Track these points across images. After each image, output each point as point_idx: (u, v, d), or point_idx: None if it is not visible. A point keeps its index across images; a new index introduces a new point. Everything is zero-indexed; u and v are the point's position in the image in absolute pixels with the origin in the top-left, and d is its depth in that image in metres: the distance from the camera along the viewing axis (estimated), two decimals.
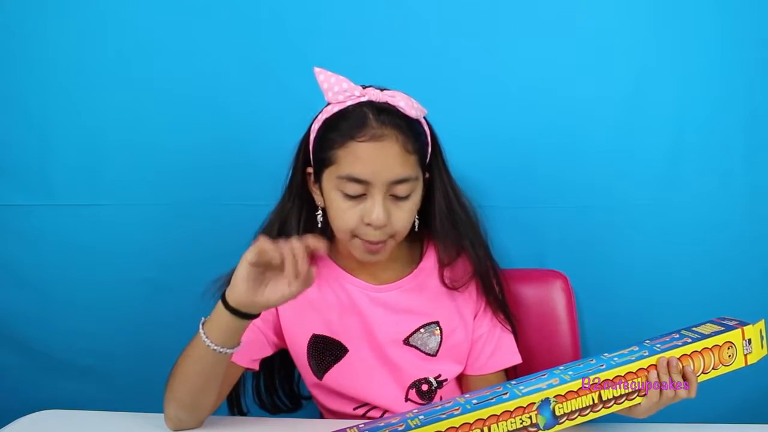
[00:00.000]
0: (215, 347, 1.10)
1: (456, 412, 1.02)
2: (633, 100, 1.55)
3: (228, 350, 1.12)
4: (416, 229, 1.27)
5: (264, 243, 1.04)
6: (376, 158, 1.15)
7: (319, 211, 1.25)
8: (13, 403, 1.41)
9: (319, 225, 1.25)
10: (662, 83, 1.54)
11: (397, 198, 1.19)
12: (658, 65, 1.54)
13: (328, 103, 1.21)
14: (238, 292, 1.06)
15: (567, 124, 1.56)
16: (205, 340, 1.10)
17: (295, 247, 1.03)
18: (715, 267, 1.57)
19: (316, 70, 1.19)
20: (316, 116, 1.23)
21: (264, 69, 1.58)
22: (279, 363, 1.40)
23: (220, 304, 1.09)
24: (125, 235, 1.63)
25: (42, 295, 1.66)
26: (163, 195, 1.61)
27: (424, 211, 1.28)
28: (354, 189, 1.17)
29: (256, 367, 1.30)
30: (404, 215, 1.20)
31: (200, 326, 1.12)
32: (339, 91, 1.18)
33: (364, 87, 1.20)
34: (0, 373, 1.68)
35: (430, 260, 1.32)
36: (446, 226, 1.26)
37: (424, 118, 1.24)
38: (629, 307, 1.59)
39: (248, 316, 1.09)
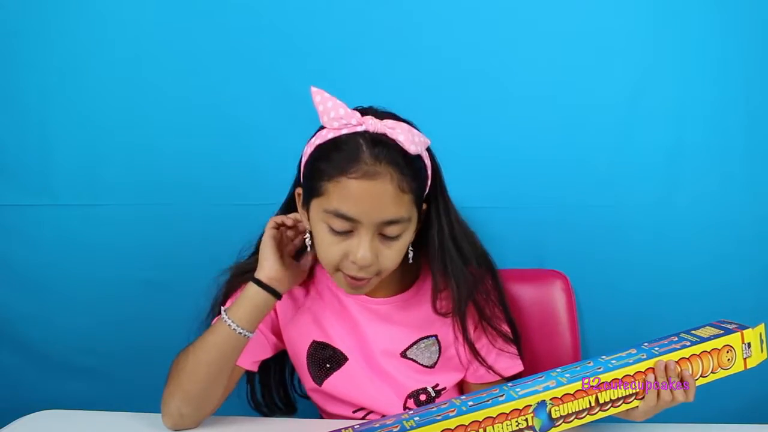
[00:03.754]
0: (240, 330, 1.17)
1: (451, 414, 1.02)
2: (633, 100, 1.54)
3: (249, 334, 1.19)
4: (410, 260, 1.23)
5: (276, 219, 1.22)
6: (367, 197, 1.09)
7: (308, 235, 1.21)
8: (13, 403, 1.42)
9: (309, 248, 1.22)
10: (662, 83, 1.54)
11: (386, 237, 1.14)
12: (659, 65, 1.53)
13: (323, 127, 1.15)
14: (270, 268, 1.19)
15: (567, 125, 1.56)
16: (230, 323, 1.17)
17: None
18: (716, 267, 1.57)
19: (313, 90, 1.13)
20: (311, 139, 1.18)
21: (264, 70, 1.58)
22: (274, 366, 1.41)
23: (251, 285, 1.19)
24: (125, 235, 1.63)
25: (42, 295, 1.66)
26: (163, 195, 1.61)
27: (422, 237, 1.24)
28: (341, 225, 1.11)
29: (255, 368, 1.31)
30: (392, 254, 1.16)
31: (223, 312, 1.19)
32: (335, 117, 1.11)
33: (363, 113, 1.13)
34: (0, 373, 1.69)
35: (426, 281, 1.29)
36: (437, 259, 1.22)
37: (427, 148, 1.17)
38: (629, 307, 1.59)
39: (276, 294, 1.20)
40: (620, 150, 1.56)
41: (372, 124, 1.10)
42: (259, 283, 1.18)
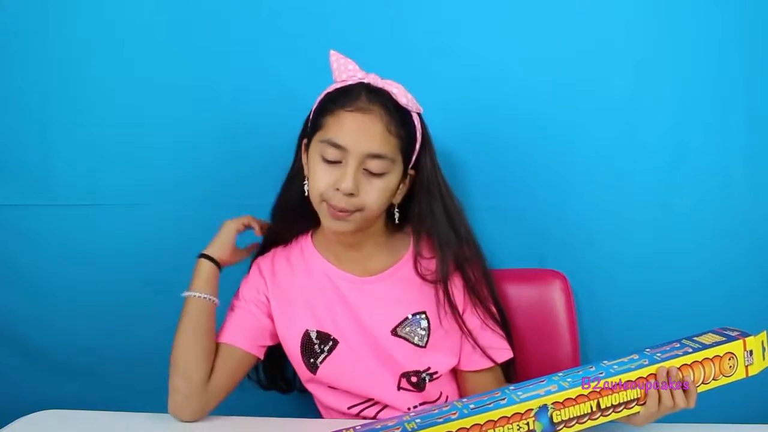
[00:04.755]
0: (200, 294, 1.30)
1: (453, 417, 1.02)
2: (634, 100, 1.54)
3: (211, 297, 1.31)
4: (396, 221, 1.33)
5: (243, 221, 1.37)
6: (357, 128, 1.22)
7: (306, 182, 1.29)
8: (13, 403, 1.42)
9: (306, 194, 1.29)
10: (663, 84, 1.53)
11: (371, 174, 1.23)
12: (659, 65, 1.53)
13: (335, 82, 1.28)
14: (222, 250, 1.35)
15: (568, 125, 1.55)
16: (192, 293, 1.30)
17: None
18: (716, 268, 1.57)
19: (332, 52, 1.29)
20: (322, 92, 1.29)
21: (264, 70, 1.58)
22: (274, 351, 1.41)
23: (201, 260, 1.33)
24: (125, 235, 1.63)
25: (42, 295, 1.66)
26: (163, 195, 1.61)
27: (409, 206, 1.32)
28: (332, 154, 1.22)
29: (261, 355, 1.35)
30: (374, 192, 1.24)
31: (184, 294, 1.31)
32: (344, 71, 1.27)
33: (369, 74, 1.27)
34: (0, 373, 1.68)
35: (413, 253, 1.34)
36: (423, 224, 1.31)
37: (420, 117, 1.30)
38: (629, 307, 1.58)
39: (218, 264, 1.34)
40: (621, 151, 1.55)
41: (373, 79, 1.27)
42: (207, 256, 1.33)
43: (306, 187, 1.29)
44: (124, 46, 1.59)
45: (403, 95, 1.25)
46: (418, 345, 1.31)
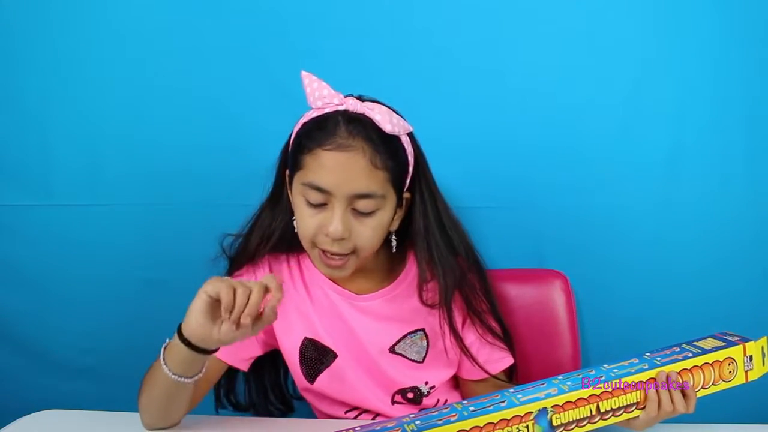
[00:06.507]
0: (173, 376, 1.09)
1: (453, 419, 1.02)
2: (633, 100, 1.54)
3: (188, 379, 1.10)
4: (394, 249, 1.27)
5: (222, 286, 1.01)
6: (339, 169, 1.13)
7: (294, 217, 1.23)
8: (13, 403, 1.42)
9: (295, 229, 1.22)
10: (662, 83, 1.53)
11: (360, 213, 1.16)
12: (658, 65, 1.52)
13: (311, 108, 1.20)
14: (193, 325, 1.04)
15: (567, 124, 1.55)
16: (165, 368, 1.09)
17: (250, 296, 1.00)
18: (715, 267, 1.57)
19: (303, 73, 1.18)
20: (299, 120, 1.22)
21: (263, 70, 1.58)
22: (269, 365, 1.41)
23: (176, 335, 1.07)
24: (125, 234, 1.63)
25: (42, 294, 1.66)
26: (163, 195, 1.61)
27: (407, 227, 1.27)
28: (316, 197, 1.15)
29: (244, 367, 1.30)
30: (366, 232, 1.17)
31: (161, 351, 1.10)
32: (319, 97, 1.17)
33: (347, 96, 1.19)
34: (0, 373, 1.69)
35: (411, 271, 1.30)
36: (423, 249, 1.24)
37: (411, 136, 1.21)
38: (629, 307, 1.59)
39: (204, 351, 1.07)
40: (620, 150, 1.55)
41: (352, 104, 1.16)
42: (182, 336, 1.07)
43: (295, 222, 1.22)
44: (124, 46, 1.59)
45: (387, 121, 1.14)
46: (415, 361, 1.30)
